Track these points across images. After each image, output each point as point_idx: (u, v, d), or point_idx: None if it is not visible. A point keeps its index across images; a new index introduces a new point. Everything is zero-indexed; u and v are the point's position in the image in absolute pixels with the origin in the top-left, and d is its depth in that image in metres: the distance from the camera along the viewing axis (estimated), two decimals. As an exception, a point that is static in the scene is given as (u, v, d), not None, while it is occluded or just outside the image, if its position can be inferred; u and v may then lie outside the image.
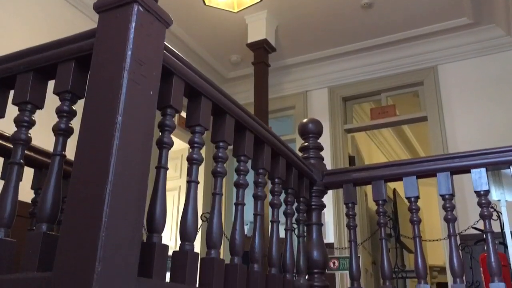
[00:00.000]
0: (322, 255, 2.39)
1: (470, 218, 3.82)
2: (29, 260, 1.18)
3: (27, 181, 2.04)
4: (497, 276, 1.96)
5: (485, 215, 2.05)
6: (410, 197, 2.24)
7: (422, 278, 2.11)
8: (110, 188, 1.09)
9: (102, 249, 1.03)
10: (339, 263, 3.57)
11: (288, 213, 2.18)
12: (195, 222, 1.47)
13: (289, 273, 2.07)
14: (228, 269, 1.64)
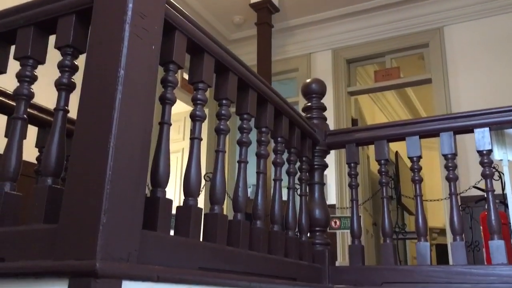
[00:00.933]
0: (324, 213, 2.42)
1: (471, 180, 3.84)
2: (35, 213, 1.20)
3: (31, 141, 2.06)
4: (496, 234, 1.98)
5: (487, 174, 2.06)
6: (412, 156, 2.25)
7: (422, 235, 2.14)
8: (113, 142, 1.09)
9: (107, 201, 1.05)
10: (341, 222, 3.62)
11: (290, 172, 2.19)
12: (198, 177, 1.49)
13: (291, 231, 2.10)
14: (231, 225, 1.67)
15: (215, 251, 1.48)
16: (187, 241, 1.37)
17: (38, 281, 1.05)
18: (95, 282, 0.97)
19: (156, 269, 1.15)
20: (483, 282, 1.92)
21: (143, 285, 1.11)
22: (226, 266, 1.51)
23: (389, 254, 2.20)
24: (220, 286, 1.40)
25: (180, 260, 1.30)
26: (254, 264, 1.69)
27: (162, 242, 1.25)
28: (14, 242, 1.15)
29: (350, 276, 2.21)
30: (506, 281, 1.87)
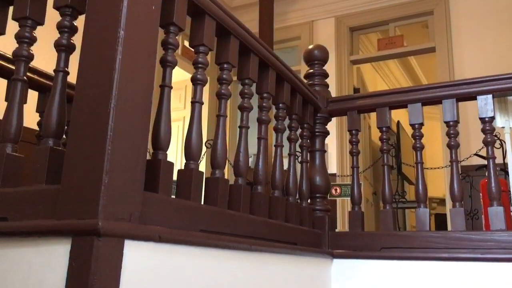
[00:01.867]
0: (324, 180, 2.43)
1: (472, 148, 3.84)
2: (37, 174, 1.20)
3: (31, 107, 2.05)
4: (496, 201, 1.99)
5: (489, 141, 2.05)
6: (414, 124, 2.24)
7: (422, 202, 2.16)
8: (114, 103, 1.09)
9: (108, 162, 1.05)
10: (341, 190, 3.64)
11: (291, 139, 2.19)
12: (199, 141, 1.49)
13: (292, 197, 2.12)
14: (232, 189, 1.68)
15: (216, 214, 1.50)
16: (188, 203, 1.38)
17: (41, 240, 1.06)
18: (97, 240, 0.98)
19: (158, 230, 1.16)
20: (481, 247, 1.94)
21: (145, 245, 1.12)
22: (227, 229, 1.52)
23: (388, 220, 2.22)
24: (221, 248, 1.42)
25: (182, 222, 1.32)
26: (254, 228, 1.70)
27: (163, 204, 1.26)
28: (16, 203, 1.16)
29: (350, 241, 2.24)
30: (504, 247, 1.90)
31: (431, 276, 1.98)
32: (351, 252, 2.19)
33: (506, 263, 1.84)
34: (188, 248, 1.28)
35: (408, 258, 2.05)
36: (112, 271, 1.01)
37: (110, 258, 1.01)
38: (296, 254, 1.90)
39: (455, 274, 1.93)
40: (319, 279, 2.11)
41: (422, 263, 2.01)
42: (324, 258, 2.15)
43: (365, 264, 2.13)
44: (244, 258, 1.54)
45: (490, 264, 1.88)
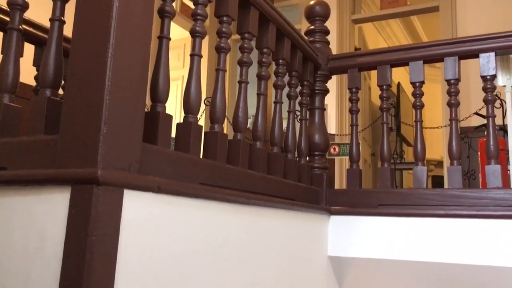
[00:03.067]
0: (323, 138, 2.43)
1: (471, 109, 3.83)
2: (35, 124, 1.20)
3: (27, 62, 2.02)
4: (494, 159, 2.00)
5: (489, 99, 2.04)
6: (415, 82, 2.22)
7: (420, 160, 2.17)
8: (112, 52, 1.07)
9: (106, 111, 1.04)
10: (340, 149, 3.65)
11: (291, 96, 2.18)
12: (198, 94, 1.47)
13: (290, 154, 2.12)
14: (231, 144, 1.68)
15: (215, 168, 1.50)
16: (187, 156, 1.38)
17: (41, 189, 1.06)
18: (97, 189, 0.99)
19: (157, 181, 1.17)
20: (477, 205, 1.96)
21: (144, 195, 1.13)
22: (225, 183, 1.53)
23: (386, 178, 2.23)
24: (220, 201, 1.43)
25: (180, 175, 1.32)
26: (253, 183, 1.72)
27: (162, 156, 1.27)
28: (15, 152, 1.16)
29: (347, 198, 2.26)
30: (500, 204, 1.92)
31: (427, 232, 2.01)
32: (348, 209, 2.21)
33: (501, 219, 1.87)
34: (187, 200, 1.29)
35: (404, 215, 2.07)
36: (112, 220, 1.02)
37: (109, 206, 1.02)
38: (294, 209, 1.92)
39: (450, 230, 1.96)
40: (316, 235, 2.14)
41: (418, 219, 2.04)
42: (321, 214, 2.18)
43: (362, 221, 2.16)
44: (242, 211, 1.56)
45: (485, 221, 1.90)
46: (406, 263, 2.03)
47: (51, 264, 1.00)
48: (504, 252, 1.83)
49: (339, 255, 2.18)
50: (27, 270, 1.04)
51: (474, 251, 1.89)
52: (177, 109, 5.51)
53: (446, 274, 1.98)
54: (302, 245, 2.00)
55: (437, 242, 1.98)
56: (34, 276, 1.02)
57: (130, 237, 1.07)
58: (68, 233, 1.00)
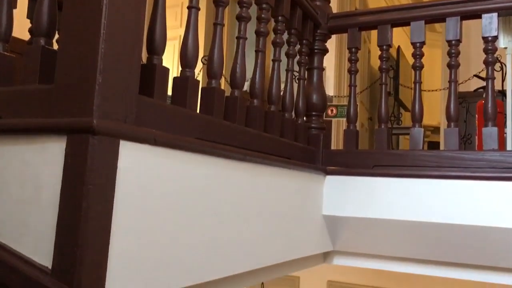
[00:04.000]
0: (321, 98, 2.42)
1: (471, 73, 3.80)
2: (29, 74, 1.18)
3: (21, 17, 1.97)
4: (491, 121, 2.00)
5: (490, 61, 2.02)
6: (416, 42, 2.19)
7: (417, 122, 2.16)
8: (106, 0, 1.04)
9: (102, 60, 1.02)
10: (337, 110, 3.64)
11: (290, 54, 2.15)
12: (196, 48, 1.45)
13: (287, 113, 2.11)
14: (228, 100, 1.67)
15: (211, 123, 1.50)
16: (184, 111, 1.37)
17: (36, 138, 1.06)
18: (93, 138, 0.98)
19: (153, 133, 1.16)
20: (472, 166, 1.97)
21: (140, 147, 1.13)
22: (222, 139, 1.53)
23: (382, 139, 2.24)
24: (216, 157, 1.43)
25: (177, 129, 1.31)
26: (249, 140, 1.71)
27: (158, 109, 1.26)
28: (10, 102, 1.15)
29: (343, 159, 2.27)
30: (495, 166, 1.93)
31: (422, 193, 2.02)
32: (343, 169, 2.22)
33: (496, 181, 1.88)
34: (183, 154, 1.28)
35: (399, 175, 2.08)
36: (108, 170, 1.02)
37: (105, 157, 1.01)
38: (289, 168, 1.92)
39: (445, 191, 1.97)
40: (311, 194, 2.16)
41: (413, 180, 2.05)
42: (317, 174, 2.19)
43: (357, 181, 2.17)
44: (239, 167, 1.56)
45: (480, 183, 1.91)
46: (400, 223, 2.06)
47: (48, 212, 1.01)
48: (497, 213, 1.86)
49: (334, 214, 2.20)
50: (24, 219, 1.04)
51: (469, 212, 1.91)
52: (174, 70, 5.45)
53: (440, 234, 2.01)
54: (297, 204, 2.02)
55: (431, 203, 1.99)
56: (31, 224, 1.03)
57: (126, 188, 1.07)
58: (64, 182, 1.00)
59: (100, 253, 0.99)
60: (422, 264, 2.18)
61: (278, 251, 1.84)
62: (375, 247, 2.23)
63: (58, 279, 0.95)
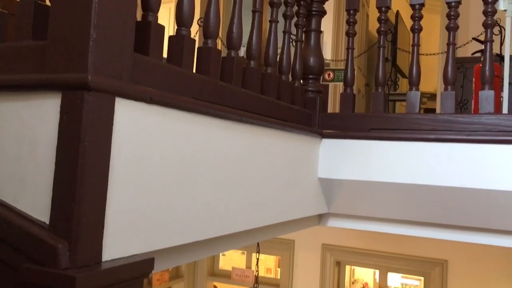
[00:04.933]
0: (318, 62, 2.40)
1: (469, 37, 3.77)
2: (22, 30, 1.16)
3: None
4: (488, 84, 1.99)
5: (489, 24, 2.00)
6: (415, 4, 2.16)
7: (414, 85, 2.16)
8: (100, -47, 1.01)
9: (95, 16, 1.01)
10: (334, 75, 3.62)
11: (287, 16, 2.12)
12: (192, 6, 1.43)
13: (284, 75, 2.10)
14: (225, 61, 1.65)
15: (207, 84, 1.48)
16: (180, 70, 1.36)
17: (31, 95, 1.05)
18: (88, 95, 0.98)
19: (149, 91, 1.16)
20: (468, 130, 1.98)
21: (136, 105, 1.12)
22: (218, 100, 1.52)
23: (379, 103, 2.23)
24: (213, 117, 1.43)
25: (172, 89, 1.30)
26: (246, 102, 1.70)
27: (153, 68, 1.24)
28: (2, 58, 1.13)
29: (339, 122, 2.27)
30: (490, 129, 1.93)
31: (417, 156, 2.04)
32: (339, 132, 2.22)
33: (491, 144, 1.89)
34: (179, 113, 1.28)
35: (395, 138, 2.09)
36: (104, 127, 1.02)
37: (101, 113, 1.01)
38: (286, 130, 1.92)
39: (440, 154, 1.98)
40: (307, 157, 2.17)
41: (409, 143, 2.06)
42: (313, 137, 2.19)
43: (353, 144, 2.18)
44: (235, 128, 1.56)
45: (475, 146, 1.92)
46: (395, 186, 2.08)
47: (44, 169, 1.01)
48: (492, 176, 1.87)
49: (329, 177, 2.22)
50: (21, 175, 1.05)
51: (463, 174, 1.92)
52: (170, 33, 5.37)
53: (434, 196, 2.03)
54: (293, 166, 2.03)
55: (426, 166, 2.01)
56: (27, 180, 1.03)
57: (122, 145, 1.07)
58: (60, 139, 1.00)
59: (97, 209, 1.00)
60: (416, 226, 2.22)
61: (273, 212, 1.86)
62: (370, 210, 2.26)
63: (56, 234, 0.96)
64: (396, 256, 4.05)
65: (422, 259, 3.96)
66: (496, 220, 1.98)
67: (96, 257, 1.00)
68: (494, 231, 2.04)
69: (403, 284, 7.28)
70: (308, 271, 4.39)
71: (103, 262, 1.02)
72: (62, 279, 0.91)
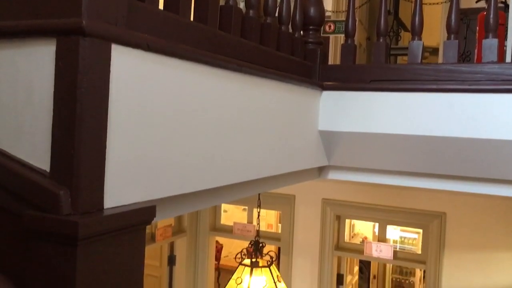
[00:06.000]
0: (319, 12, 2.35)
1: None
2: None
3: None
4: (492, 32, 1.95)
5: (495, -32, 1.94)
6: (418, -50, 2.09)
7: (417, 34, 2.11)
8: None
9: (88, -43, 0.97)
10: (335, 26, 3.55)
11: (287, -37, 2.06)
12: (188, -50, 1.38)
13: (284, 26, 2.06)
14: (223, 10, 1.61)
15: (206, 32, 1.45)
16: (177, 18, 1.33)
17: (25, 42, 1.02)
18: (83, 40, 0.96)
19: (146, 38, 1.13)
20: (470, 79, 1.95)
21: (133, 52, 1.10)
22: (217, 50, 1.49)
23: (380, 54, 2.20)
24: (211, 66, 1.40)
25: (170, 37, 1.27)
26: (245, 52, 1.67)
27: (150, 15, 1.21)
28: (-5, 5, 1.10)
29: (340, 74, 2.24)
30: (493, 78, 1.91)
31: (419, 107, 2.02)
32: (340, 84, 2.20)
33: (493, 94, 1.87)
34: (177, 61, 1.26)
35: (396, 90, 2.07)
36: (100, 74, 1.00)
37: (97, 60, 0.99)
38: (286, 82, 1.90)
39: (441, 105, 1.97)
40: (308, 110, 2.15)
41: (411, 94, 2.04)
42: (313, 89, 2.17)
43: (354, 96, 2.16)
44: (234, 78, 1.54)
45: (476, 95, 1.91)
46: (396, 137, 2.08)
47: (42, 117, 1.00)
48: (494, 125, 1.86)
49: (330, 129, 2.21)
50: (18, 123, 1.04)
51: (465, 124, 1.91)
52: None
53: (436, 147, 2.03)
54: (293, 119, 2.02)
55: (428, 117, 2.00)
56: (26, 128, 1.03)
57: (120, 93, 1.06)
58: (56, 86, 0.98)
59: (97, 156, 0.99)
60: (417, 177, 2.23)
61: (273, 163, 1.86)
62: (370, 162, 2.27)
63: (57, 181, 0.96)
64: (395, 209, 4.09)
65: (421, 211, 4.01)
66: (498, 169, 1.98)
67: (97, 204, 1.01)
68: (496, 180, 2.05)
69: (402, 237, 7.43)
70: (308, 226, 4.46)
71: (105, 209, 1.02)
72: (64, 225, 0.91)
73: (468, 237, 3.84)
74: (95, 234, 0.95)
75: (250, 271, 3.02)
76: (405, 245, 7.11)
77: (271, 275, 3.04)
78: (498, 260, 3.71)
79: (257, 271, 3.02)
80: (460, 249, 3.86)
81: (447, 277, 3.90)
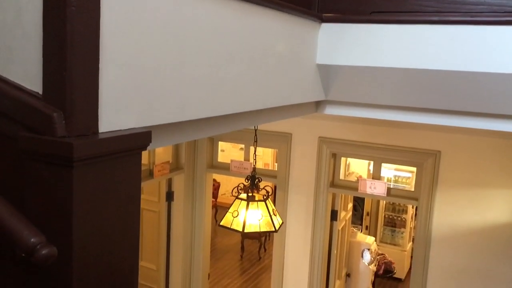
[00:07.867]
0: None
1: None
2: None
3: None
4: (498, -39, 1.88)
5: None
6: None
7: (421, -36, 2.04)
8: None
9: None
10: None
11: None
12: None
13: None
14: None
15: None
16: None
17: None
18: (71, -45, 0.91)
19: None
20: (473, 11, 1.91)
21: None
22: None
23: (382, -16, 2.12)
24: (207, -9, 1.35)
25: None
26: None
27: None
28: None
29: (340, 5, 2.18)
30: (495, 10, 1.86)
31: (420, 39, 1.98)
32: (340, 16, 2.14)
33: (495, 25, 1.83)
34: (171, -16, 1.21)
35: (397, 21, 2.01)
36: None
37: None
38: (284, 11, 1.85)
39: (444, 37, 1.92)
40: (306, 42, 2.11)
41: (412, 26, 1.99)
42: (312, 21, 2.11)
43: (353, 28, 2.11)
44: (231, 6, 1.49)
45: (479, 27, 1.86)
46: (396, 71, 2.05)
47: (32, 37, 0.97)
48: (496, 58, 1.83)
49: (328, 63, 2.18)
50: (9, 45, 1.01)
51: (467, 57, 1.88)
52: None
53: (437, 81, 2.01)
54: (291, 51, 1.98)
55: (429, 49, 1.96)
56: (17, 50, 1.00)
57: (112, 12, 1.02)
58: (45, 3, 0.94)
59: (90, 78, 0.97)
60: (416, 112, 2.22)
61: (270, 95, 1.85)
62: (369, 96, 2.25)
63: (50, 103, 0.95)
64: (391, 147, 4.12)
65: (416, 150, 4.04)
66: (500, 104, 1.97)
67: (92, 127, 1.00)
68: (495, 115, 2.05)
69: (396, 176, 7.55)
70: (304, 163, 4.50)
71: (100, 133, 1.02)
72: (59, 146, 0.91)
73: (461, 175, 3.89)
74: (91, 157, 0.95)
75: (246, 204, 3.08)
76: (399, 184, 7.24)
77: (267, 209, 3.10)
78: (490, 197, 3.79)
79: (253, 204, 3.09)
80: (453, 187, 3.93)
81: (439, 212, 3.99)
